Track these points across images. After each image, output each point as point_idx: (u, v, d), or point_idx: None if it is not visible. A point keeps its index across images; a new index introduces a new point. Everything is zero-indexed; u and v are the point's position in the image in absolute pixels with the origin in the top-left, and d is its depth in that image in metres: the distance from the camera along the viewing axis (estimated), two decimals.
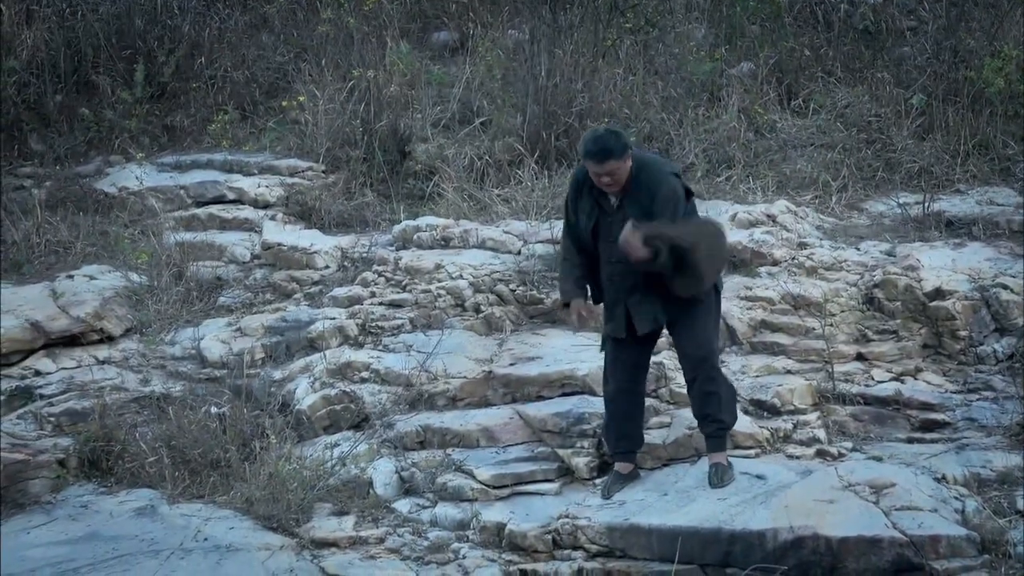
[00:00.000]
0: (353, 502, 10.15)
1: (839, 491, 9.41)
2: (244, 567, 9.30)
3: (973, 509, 9.30)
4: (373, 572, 9.31)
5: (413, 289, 12.20)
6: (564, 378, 10.73)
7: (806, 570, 8.91)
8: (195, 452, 10.64)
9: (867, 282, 11.71)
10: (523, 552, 9.42)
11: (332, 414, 11.08)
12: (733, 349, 11.35)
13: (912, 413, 10.64)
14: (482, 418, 10.67)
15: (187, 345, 12.21)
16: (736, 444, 10.16)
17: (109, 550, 9.55)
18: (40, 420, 11.25)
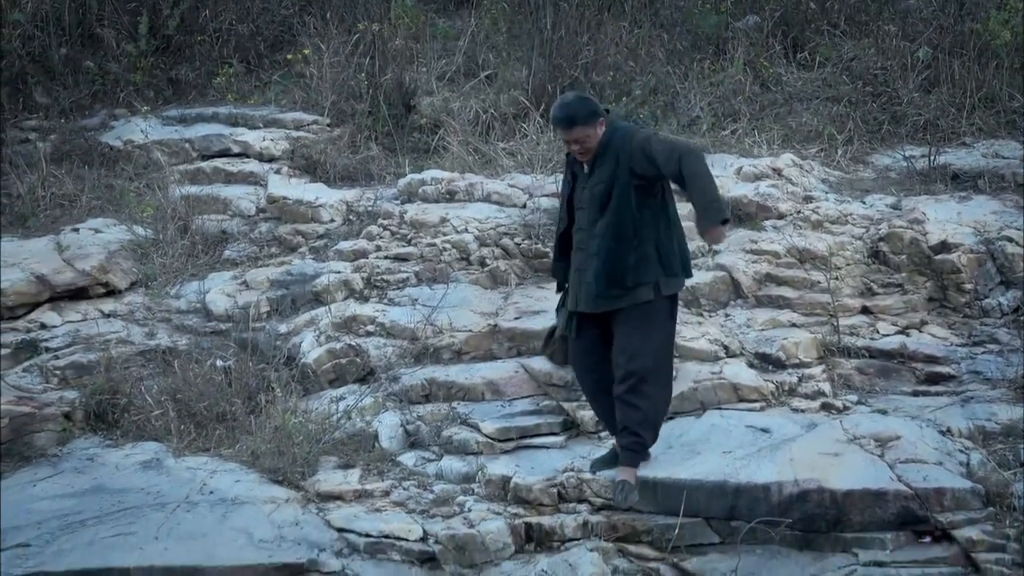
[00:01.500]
0: (359, 455, 10.12)
1: (844, 444, 9.38)
2: (250, 520, 9.26)
3: (978, 462, 9.26)
4: (379, 525, 9.26)
5: (418, 243, 12.16)
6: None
7: (811, 523, 8.88)
8: (201, 405, 10.62)
9: (872, 235, 11.67)
10: (528, 505, 9.39)
11: (337, 368, 11.04)
12: (738, 303, 11.30)
13: (917, 366, 10.59)
14: (487, 371, 10.64)
15: (192, 299, 12.16)
16: (741, 397, 10.15)
17: (115, 503, 9.52)
18: (46, 373, 11.21)
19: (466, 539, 9.11)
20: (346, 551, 9.10)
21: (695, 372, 10.30)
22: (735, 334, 10.85)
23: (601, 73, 14.42)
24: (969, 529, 8.75)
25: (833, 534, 8.84)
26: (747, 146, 13.44)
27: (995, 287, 11.28)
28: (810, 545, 8.86)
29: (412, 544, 9.17)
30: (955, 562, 8.64)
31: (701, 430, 9.75)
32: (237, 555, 8.90)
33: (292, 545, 9.05)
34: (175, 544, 8.96)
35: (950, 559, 8.66)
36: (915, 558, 8.67)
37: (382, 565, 9.01)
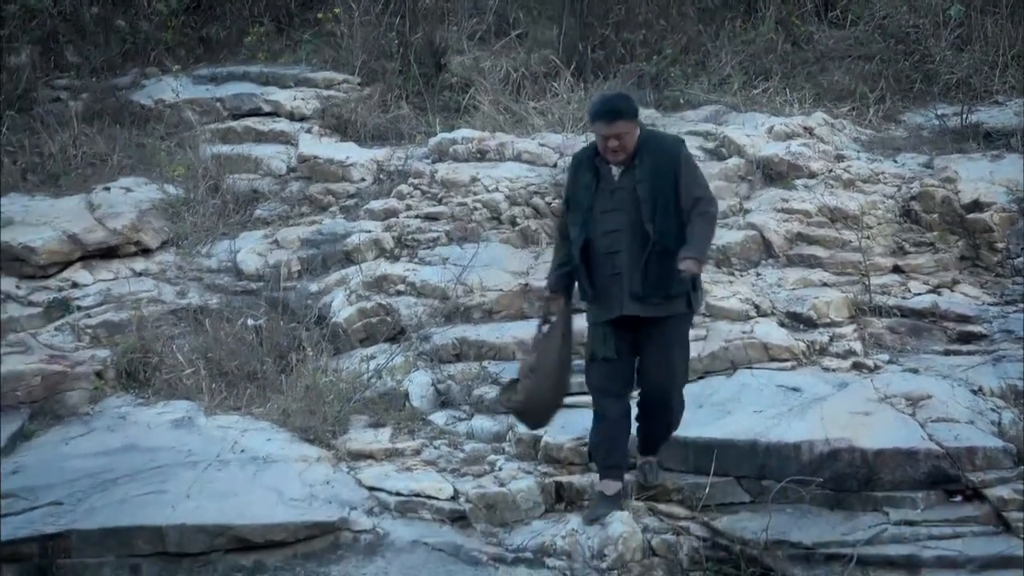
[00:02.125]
0: (389, 414, 10.10)
1: (875, 403, 9.33)
2: (281, 478, 9.25)
3: (1009, 421, 9.18)
4: (409, 484, 9.24)
5: (449, 202, 12.12)
6: None
7: (842, 482, 8.82)
8: (232, 364, 10.62)
9: (904, 194, 11.60)
10: (558, 464, 9.35)
11: (368, 327, 11.01)
12: (769, 262, 11.25)
13: (949, 325, 10.52)
14: (518, 331, 10.57)
15: (223, 258, 12.15)
16: (772, 357, 10.10)
17: (147, 461, 9.52)
18: (78, 332, 11.21)
19: (496, 498, 9.08)
20: (377, 510, 9.07)
21: (726, 331, 10.25)
22: (766, 293, 10.79)
23: (632, 31, 14.33)
24: (1000, 488, 8.67)
25: (864, 493, 8.77)
26: (778, 105, 13.35)
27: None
28: (841, 504, 8.79)
29: (443, 503, 9.14)
30: (986, 521, 8.56)
31: (732, 389, 9.70)
32: (268, 513, 8.87)
33: (323, 503, 9.04)
34: (206, 502, 8.95)
35: (981, 518, 8.58)
36: (946, 517, 8.61)
37: (413, 524, 8.97)
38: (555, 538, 8.75)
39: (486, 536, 8.88)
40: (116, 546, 8.70)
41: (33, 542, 8.69)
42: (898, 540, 8.45)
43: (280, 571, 8.64)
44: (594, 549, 8.69)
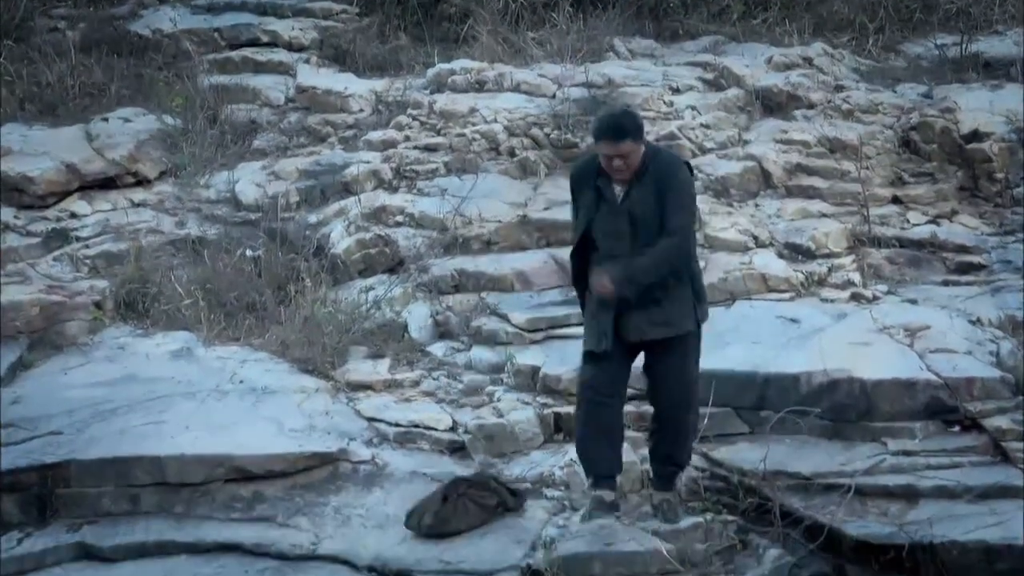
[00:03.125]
0: (388, 345, 10.03)
1: (874, 334, 9.25)
2: (280, 409, 9.20)
3: (1008, 351, 9.11)
4: (408, 415, 9.20)
5: (447, 133, 12.00)
6: None
7: (840, 413, 8.76)
8: (231, 295, 10.54)
9: (903, 124, 11.51)
10: (557, 395, 9.30)
11: (367, 258, 10.94)
12: (768, 193, 11.17)
13: (947, 255, 10.48)
14: (517, 262, 10.53)
15: (222, 188, 12.03)
16: (771, 288, 10.05)
17: (146, 392, 9.45)
18: (76, 262, 11.14)
19: (495, 429, 9.04)
20: (376, 440, 9.04)
21: (725, 262, 10.19)
22: (765, 224, 10.71)
23: None
24: (999, 418, 8.61)
25: (862, 423, 8.72)
26: (777, 35, 13.24)
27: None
28: (839, 435, 8.74)
29: (441, 434, 9.11)
30: (984, 451, 8.51)
31: (730, 320, 9.63)
32: (268, 444, 8.84)
33: (322, 434, 8.99)
34: (206, 433, 8.90)
35: (979, 448, 8.52)
36: (944, 447, 8.54)
37: (412, 454, 8.94)
38: (553, 469, 8.72)
39: (484, 467, 8.84)
40: (115, 476, 8.66)
41: (32, 472, 8.66)
42: (896, 470, 8.39)
43: (279, 501, 8.60)
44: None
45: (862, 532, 7.97)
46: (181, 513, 8.58)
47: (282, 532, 8.38)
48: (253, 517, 8.53)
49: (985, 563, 7.72)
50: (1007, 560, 7.69)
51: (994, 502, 8.07)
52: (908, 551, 7.77)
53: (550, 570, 7.73)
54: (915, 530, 7.86)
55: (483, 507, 8.25)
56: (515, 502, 8.36)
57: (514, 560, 7.87)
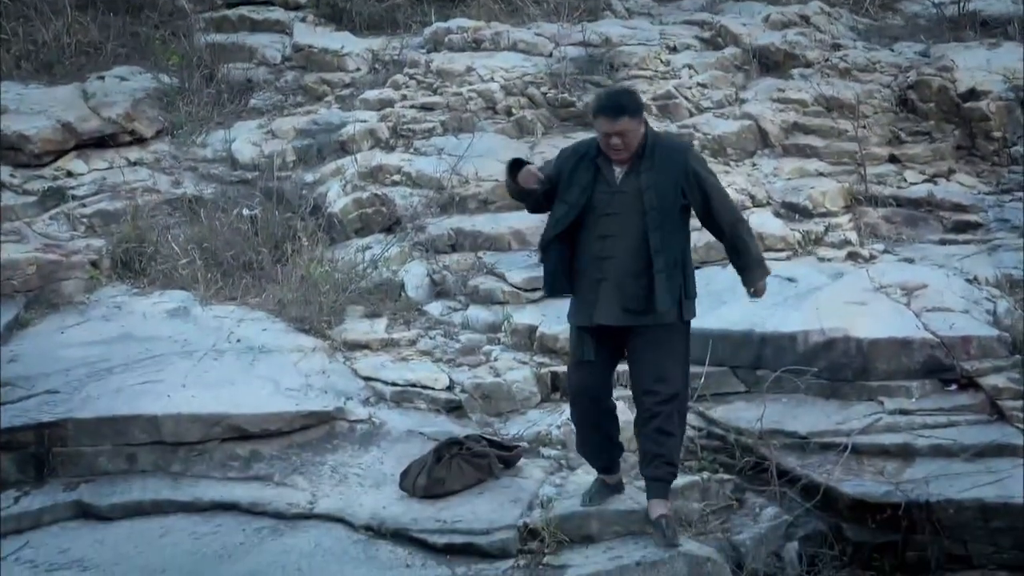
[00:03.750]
0: (385, 305, 9.99)
1: (870, 293, 9.23)
2: (277, 368, 9.15)
3: (1005, 310, 9.09)
4: (405, 374, 9.16)
5: (444, 92, 11.95)
6: None
7: (837, 371, 8.74)
8: (227, 254, 10.48)
9: (901, 83, 11.45)
10: (554, 354, 9.27)
11: (363, 217, 10.88)
12: (765, 152, 11.10)
13: (944, 214, 10.43)
14: (514, 221, 10.46)
15: (218, 147, 11.98)
16: (768, 247, 9.95)
17: (143, 350, 9.41)
18: (73, 221, 11.08)
19: (492, 388, 9.02)
20: (373, 400, 9.00)
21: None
22: (762, 183, 10.66)
23: None
24: (995, 377, 8.60)
25: (859, 382, 8.71)
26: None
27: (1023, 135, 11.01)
28: (836, 393, 8.73)
29: (438, 393, 9.08)
30: (981, 410, 8.50)
31: (727, 280, 9.45)
32: (264, 403, 8.78)
33: (319, 393, 8.94)
34: (202, 392, 8.84)
35: (976, 407, 8.51)
36: (941, 406, 8.54)
37: (408, 414, 8.90)
38: (550, 428, 8.69)
39: (481, 426, 8.81)
40: (112, 435, 8.61)
41: (29, 430, 8.60)
42: (892, 429, 8.39)
43: (276, 460, 8.56)
44: None
45: (858, 491, 7.97)
46: (178, 472, 8.53)
47: (279, 491, 8.33)
48: (250, 476, 8.49)
49: (981, 521, 7.72)
50: (1003, 518, 7.69)
51: (990, 460, 8.06)
52: (904, 509, 7.78)
53: (547, 529, 7.69)
54: (911, 489, 7.86)
55: (478, 467, 8.21)
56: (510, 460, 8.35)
57: (511, 519, 7.81)
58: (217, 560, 7.85)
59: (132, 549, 7.99)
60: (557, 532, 7.67)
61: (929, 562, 7.80)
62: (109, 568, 7.82)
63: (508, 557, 7.65)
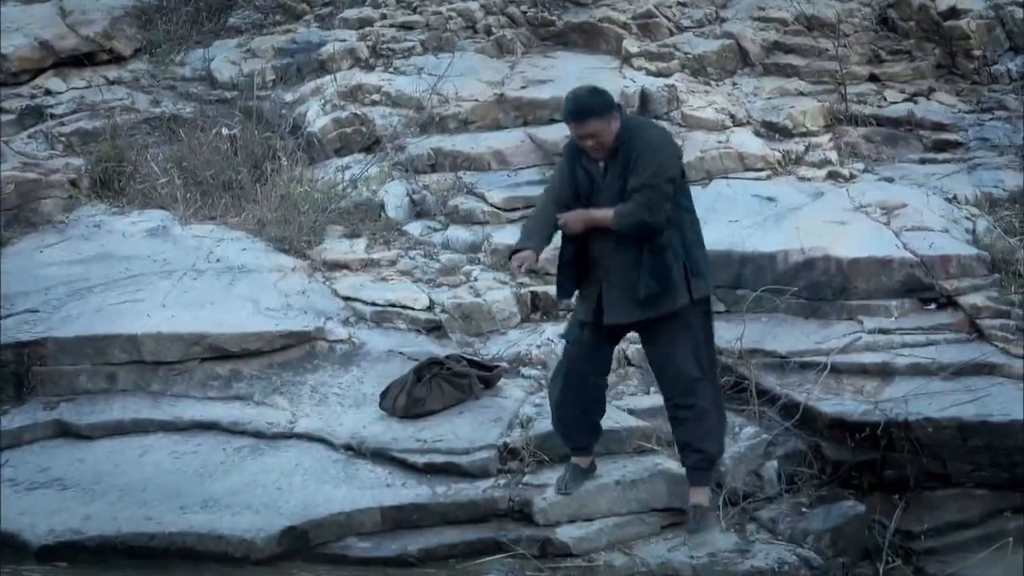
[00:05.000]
0: (365, 225, 9.88)
1: (850, 212, 9.12)
2: (257, 288, 9.05)
3: (984, 228, 9.02)
4: (385, 294, 9.07)
5: (424, 11, 11.77)
6: None
7: (817, 291, 8.66)
8: (206, 174, 10.35)
9: (881, 2, 11.30)
10: (534, 274, 9.11)
11: (343, 137, 10.73)
12: (745, 71, 10.95)
13: (924, 133, 10.30)
14: (493, 141, 10.33)
15: (197, 66, 11.82)
16: (747, 166, 9.88)
17: (122, 270, 9.31)
18: (51, 140, 10.95)
19: (472, 308, 8.94)
20: (352, 320, 8.92)
21: (701, 141, 10.01)
22: (742, 103, 10.52)
23: None
24: (974, 296, 8.52)
25: (839, 302, 8.63)
26: None
27: (1004, 53, 10.89)
28: (815, 313, 8.65)
29: (418, 313, 8.99)
30: (960, 328, 8.43)
31: (707, 199, 9.45)
32: (244, 323, 8.70)
33: (299, 313, 8.86)
34: (182, 311, 8.76)
35: (955, 325, 8.44)
36: (920, 325, 8.46)
37: (388, 334, 8.82)
38: (530, 348, 8.64)
39: (461, 346, 8.75)
40: (92, 354, 8.56)
41: (8, 349, 8.54)
42: (872, 348, 8.33)
43: (256, 380, 8.50)
44: None
45: (837, 410, 7.92)
46: (158, 391, 8.49)
47: (259, 410, 8.30)
48: (230, 395, 8.45)
49: (960, 439, 7.68)
50: (982, 436, 7.65)
51: (969, 379, 8.02)
52: (883, 428, 7.72)
53: (527, 448, 7.67)
54: (890, 407, 7.81)
55: (458, 387, 8.12)
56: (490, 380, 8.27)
57: (491, 439, 7.79)
58: (197, 479, 7.83)
59: (112, 468, 7.97)
60: (537, 451, 7.64)
61: (908, 480, 7.76)
62: (89, 486, 7.79)
63: (488, 476, 7.65)
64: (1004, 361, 8.10)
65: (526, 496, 7.48)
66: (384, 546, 7.38)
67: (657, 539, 7.44)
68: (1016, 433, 7.59)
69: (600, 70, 10.61)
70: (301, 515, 7.40)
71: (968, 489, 7.75)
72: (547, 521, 7.38)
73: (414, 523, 7.49)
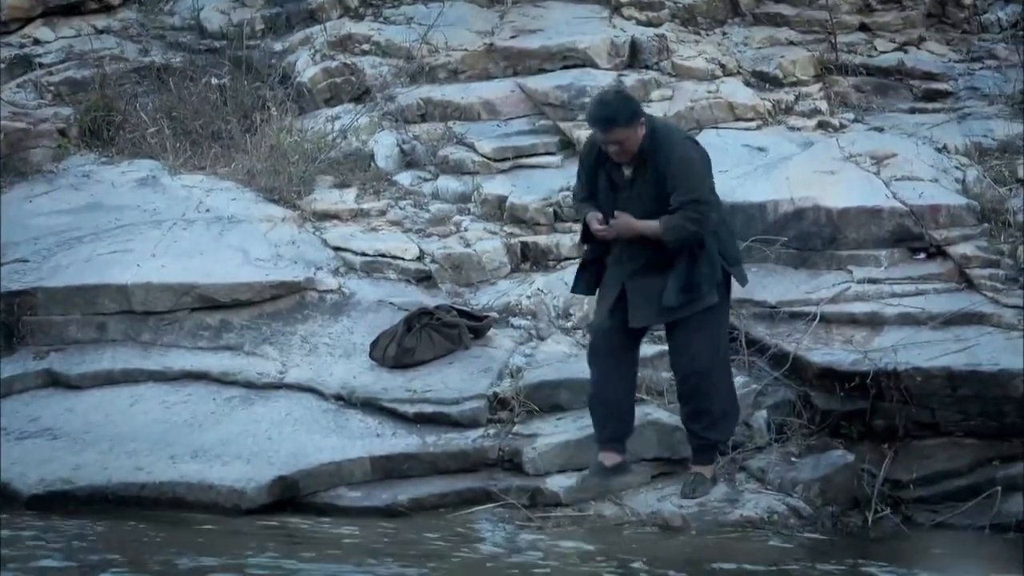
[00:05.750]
0: (355, 175, 9.78)
1: (840, 162, 9.05)
2: (246, 238, 8.99)
3: (974, 178, 8.96)
4: (375, 244, 9.01)
5: None
6: (566, 51, 10.21)
7: (806, 241, 8.61)
8: (196, 123, 10.26)
9: None
10: (524, 225, 9.12)
11: (333, 87, 10.61)
12: (736, 21, 10.84)
13: (915, 83, 10.21)
14: (483, 91, 10.20)
15: (186, 15, 11.63)
16: (738, 116, 9.80)
17: (112, 220, 9.24)
18: (40, 89, 10.83)
19: (462, 258, 8.89)
20: (343, 270, 8.88)
21: (692, 91, 9.92)
22: (732, 52, 10.43)
23: None
24: (964, 245, 8.49)
25: (828, 251, 8.59)
26: None
27: (994, 2, 10.83)
28: (805, 263, 8.61)
29: (408, 263, 8.94)
30: (949, 278, 8.40)
31: None
32: (234, 273, 8.66)
33: (289, 263, 8.82)
34: (172, 261, 8.72)
35: (944, 275, 8.41)
36: (909, 274, 8.43)
37: (378, 284, 8.78)
38: (520, 298, 8.61)
39: (451, 296, 8.72)
40: (82, 304, 8.54)
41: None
42: (861, 298, 8.30)
43: (246, 330, 8.49)
44: (559, 308, 8.56)
45: (827, 359, 7.90)
46: (148, 341, 8.47)
47: (249, 360, 8.29)
48: (220, 346, 8.44)
49: (949, 389, 7.67)
50: (970, 385, 7.64)
51: (958, 328, 8.00)
52: (872, 378, 7.71)
53: (516, 398, 7.67)
54: (879, 357, 7.79)
55: (448, 337, 8.08)
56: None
57: (481, 389, 7.81)
58: (187, 428, 7.84)
59: (102, 417, 7.98)
60: (527, 401, 7.65)
61: (897, 429, 7.76)
62: (79, 436, 7.80)
63: (478, 426, 7.67)
64: (993, 310, 8.07)
65: (516, 446, 7.51)
66: (374, 495, 7.41)
67: (647, 488, 7.47)
68: (1005, 382, 7.57)
69: (590, 19, 10.50)
70: (291, 465, 7.42)
71: (957, 438, 7.76)
72: (537, 471, 7.42)
73: (404, 473, 7.52)
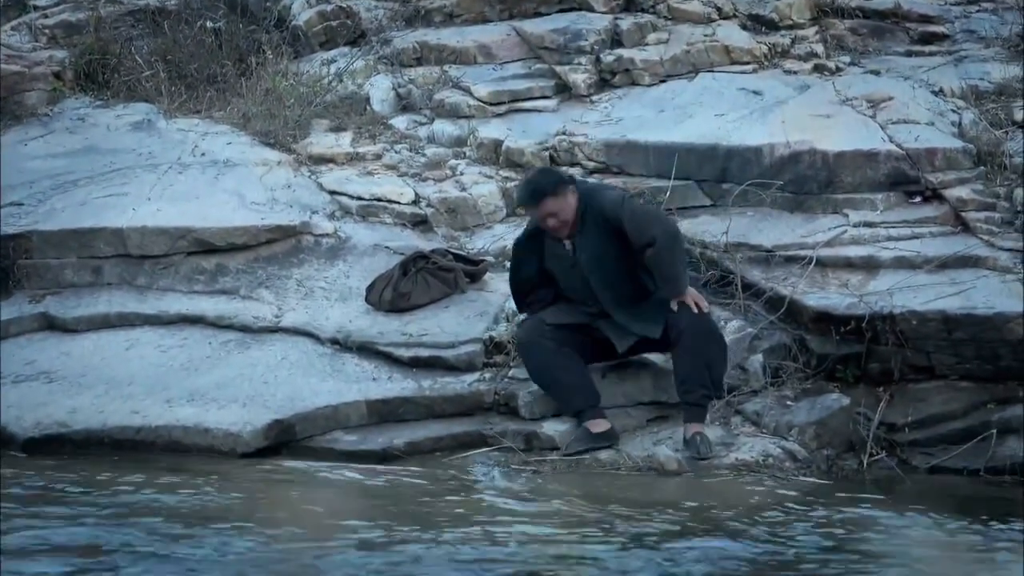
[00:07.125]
0: (350, 119, 9.69)
1: (836, 106, 8.95)
2: (242, 182, 8.90)
3: (970, 121, 8.83)
4: (371, 188, 8.91)
5: None
6: None
7: (802, 184, 8.50)
8: (191, 67, 10.18)
9: None
10: (520, 169, 9.01)
11: (328, 30, 10.51)
12: None
13: (911, 26, 10.09)
14: (479, 34, 10.10)
15: None
16: (734, 60, 9.67)
17: (107, 163, 9.15)
18: (35, 32, 10.69)
19: (458, 202, 8.80)
20: (338, 214, 8.80)
21: (687, 35, 9.78)
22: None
23: None
24: (959, 188, 8.36)
25: (824, 195, 8.47)
26: None
27: None
28: (801, 206, 8.49)
29: (404, 207, 8.85)
30: (945, 221, 8.28)
31: (693, 93, 9.32)
32: (229, 216, 8.58)
33: (284, 207, 8.73)
34: (167, 205, 8.63)
35: (940, 218, 8.29)
36: (905, 218, 8.31)
37: (374, 228, 8.69)
38: None
39: (447, 240, 8.65)
40: (77, 247, 8.49)
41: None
42: (857, 241, 8.19)
43: (242, 274, 8.41)
44: None
45: (822, 303, 7.80)
46: (143, 285, 8.41)
47: (245, 304, 8.23)
48: (215, 290, 8.37)
49: (944, 332, 7.58)
50: (966, 329, 7.55)
51: (954, 272, 7.90)
52: (868, 321, 7.62)
53: (512, 342, 7.54)
54: (875, 301, 7.69)
55: (444, 281, 8.00)
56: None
57: (477, 333, 7.76)
58: (183, 372, 7.79)
59: (98, 361, 7.92)
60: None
61: (892, 373, 7.67)
62: (75, 379, 7.76)
63: (474, 370, 7.64)
64: (989, 254, 7.97)
65: (512, 390, 7.48)
66: (370, 439, 7.36)
67: (643, 432, 7.40)
68: (1000, 325, 7.48)
69: None
70: (287, 408, 7.38)
71: (952, 381, 7.68)
72: (532, 415, 7.39)
73: (400, 416, 7.49)
